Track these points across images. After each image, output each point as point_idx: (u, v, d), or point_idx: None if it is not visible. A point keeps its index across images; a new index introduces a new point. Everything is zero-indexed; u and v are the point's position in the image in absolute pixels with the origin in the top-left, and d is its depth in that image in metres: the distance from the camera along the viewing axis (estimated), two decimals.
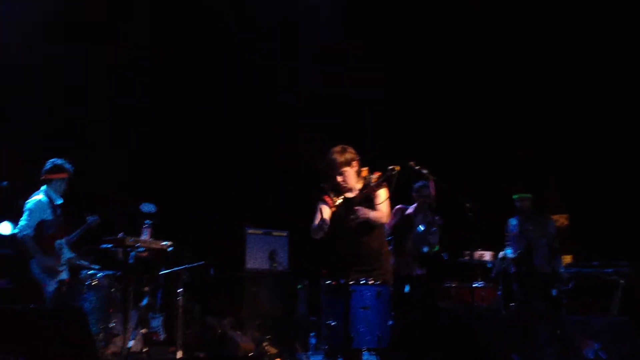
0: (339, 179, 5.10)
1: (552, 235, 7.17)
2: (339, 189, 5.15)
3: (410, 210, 7.03)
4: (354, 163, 5.12)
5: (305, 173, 9.10)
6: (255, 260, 8.17)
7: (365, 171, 5.20)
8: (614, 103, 8.27)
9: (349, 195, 5.16)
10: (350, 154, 5.13)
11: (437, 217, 6.83)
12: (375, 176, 5.08)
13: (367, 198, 5.06)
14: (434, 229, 6.85)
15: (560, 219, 8.40)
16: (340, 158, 5.09)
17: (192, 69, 8.98)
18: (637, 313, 6.46)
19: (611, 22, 8.28)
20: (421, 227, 6.71)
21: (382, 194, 5.10)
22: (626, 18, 8.22)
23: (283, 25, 9.29)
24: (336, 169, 5.09)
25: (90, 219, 6.42)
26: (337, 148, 5.16)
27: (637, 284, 7.09)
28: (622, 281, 7.08)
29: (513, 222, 7.37)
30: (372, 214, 5.01)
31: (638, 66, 8.15)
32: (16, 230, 6.15)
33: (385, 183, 5.05)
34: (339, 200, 5.10)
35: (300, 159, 9.04)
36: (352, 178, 5.13)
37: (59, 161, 6.39)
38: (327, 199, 5.17)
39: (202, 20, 8.94)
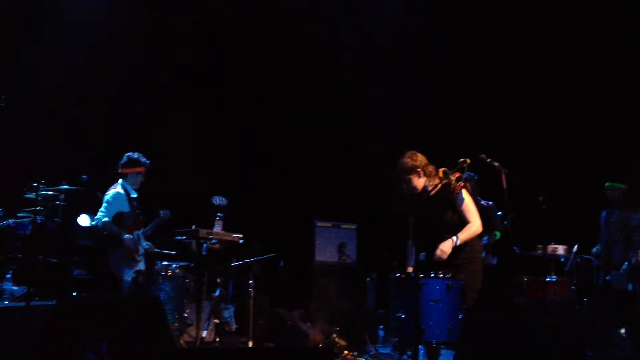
0: (403, 186, 5.17)
1: (633, 228, 6.90)
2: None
3: None
4: (419, 171, 5.16)
5: (373, 166, 9.13)
6: (324, 252, 8.24)
7: (441, 172, 5.19)
8: None
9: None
10: (413, 161, 5.18)
11: (491, 203, 6.72)
12: (454, 177, 5.11)
13: (444, 199, 5.08)
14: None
15: None
16: (403, 165, 5.19)
17: (258, 60, 9.11)
18: None
19: None
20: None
21: (467, 201, 5.09)
22: None
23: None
24: (399, 176, 5.19)
25: (163, 213, 6.61)
26: (404, 155, 5.24)
27: None
28: None
29: (603, 213, 7.19)
30: (463, 237, 5.02)
31: None
32: (94, 222, 6.36)
33: (468, 185, 5.12)
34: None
35: (368, 153, 9.07)
36: (417, 185, 5.17)
37: (135, 155, 6.56)
38: None
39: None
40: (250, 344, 6.58)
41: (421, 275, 5.30)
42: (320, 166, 9.09)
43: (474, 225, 5.16)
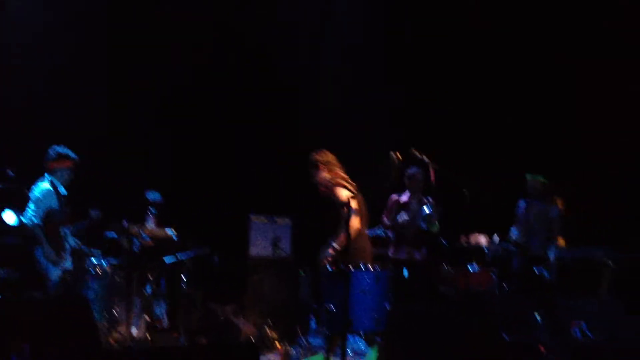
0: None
1: (552, 221, 7.16)
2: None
3: (404, 197, 7.13)
4: (321, 167, 5.74)
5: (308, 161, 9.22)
6: (259, 247, 8.26)
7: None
8: (611, 88, 8.26)
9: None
10: (319, 157, 5.81)
11: (430, 199, 6.91)
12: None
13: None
14: (436, 217, 6.89)
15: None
16: (310, 159, 5.84)
17: (195, 58, 9.07)
18: (625, 295, 6.53)
19: None
20: (426, 210, 6.79)
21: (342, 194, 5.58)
22: None
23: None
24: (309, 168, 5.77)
25: (93, 213, 6.48)
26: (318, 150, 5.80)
27: (626, 267, 7.14)
28: (611, 264, 7.12)
29: (522, 204, 7.40)
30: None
31: None
32: (26, 220, 6.19)
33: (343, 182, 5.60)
34: None
35: (303, 146, 9.14)
36: (318, 179, 5.78)
37: (63, 150, 6.39)
38: None
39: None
40: (183, 340, 6.60)
41: (350, 267, 5.44)
42: (254, 160, 9.12)
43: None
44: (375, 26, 9.44)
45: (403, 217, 6.96)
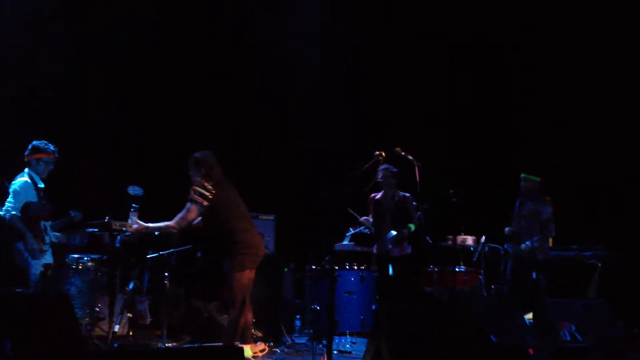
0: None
1: (542, 221, 7.13)
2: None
3: (378, 196, 7.12)
4: (195, 167, 5.88)
5: (292, 158, 9.19)
6: None
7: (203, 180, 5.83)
8: (596, 88, 8.33)
9: None
10: (199, 158, 5.90)
11: (408, 195, 6.90)
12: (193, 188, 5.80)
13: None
14: (402, 238, 6.88)
15: None
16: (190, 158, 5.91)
17: (177, 52, 8.99)
18: (613, 296, 6.57)
19: None
20: (392, 235, 6.79)
21: (188, 205, 5.75)
22: None
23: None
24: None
25: (73, 214, 6.40)
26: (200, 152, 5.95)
27: (614, 267, 7.19)
28: (599, 265, 7.16)
29: (517, 203, 7.37)
30: (154, 226, 5.83)
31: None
32: (2, 212, 6.13)
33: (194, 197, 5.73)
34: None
35: (288, 143, 9.12)
36: (192, 177, 5.90)
37: (41, 143, 6.33)
38: None
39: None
40: (165, 337, 6.52)
41: (336, 267, 5.39)
42: (238, 157, 9.05)
43: (169, 224, 5.79)
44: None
45: (369, 220, 7.02)
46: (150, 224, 5.80)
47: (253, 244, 5.78)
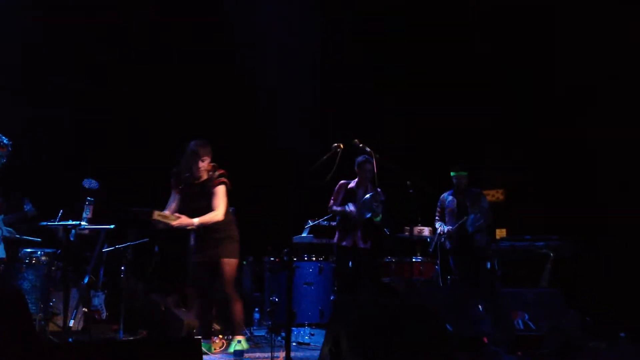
0: (194, 167, 5.76)
1: (486, 210, 7.34)
2: (189, 176, 5.80)
3: (352, 184, 7.13)
4: (204, 159, 5.79)
5: (249, 150, 9.16)
6: None
7: (211, 166, 5.86)
8: (549, 75, 8.49)
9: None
10: (203, 148, 5.81)
11: (379, 190, 6.94)
12: (218, 173, 5.80)
13: (204, 190, 5.73)
14: (378, 200, 6.92)
15: (496, 194, 8.65)
16: (201, 150, 5.78)
17: (146, 46, 8.88)
18: (565, 285, 6.73)
19: None
20: (367, 196, 6.80)
21: (221, 192, 5.72)
22: None
23: None
24: (189, 158, 5.77)
25: (27, 208, 6.28)
26: (201, 141, 5.83)
27: (566, 257, 7.37)
28: (552, 254, 7.33)
29: (448, 197, 7.52)
30: (204, 219, 5.62)
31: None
32: None
33: (225, 180, 5.75)
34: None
35: (248, 136, 9.09)
36: (199, 169, 5.79)
37: None
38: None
39: None
40: (122, 332, 6.45)
41: (294, 259, 5.40)
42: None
43: (217, 214, 5.68)
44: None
45: (350, 207, 6.95)
46: (195, 219, 5.62)
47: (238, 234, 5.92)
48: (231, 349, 5.70)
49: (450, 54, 9.06)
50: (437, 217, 7.52)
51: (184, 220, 5.60)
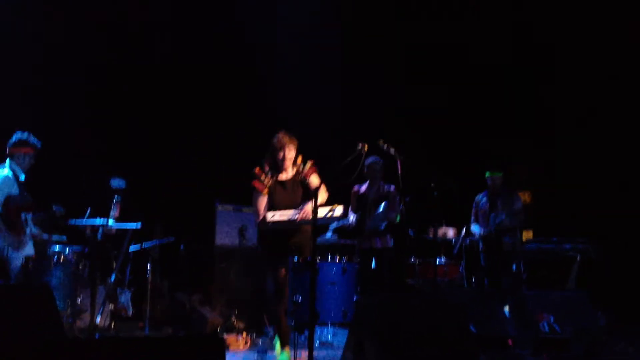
0: (281, 154, 5.53)
1: (518, 213, 7.27)
2: (276, 167, 5.59)
3: (363, 188, 7.13)
4: (293, 147, 5.58)
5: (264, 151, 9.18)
6: (225, 236, 8.22)
7: (300, 159, 5.66)
8: (580, 80, 8.40)
9: (282, 177, 5.63)
10: (294, 140, 5.61)
11: (391, 188, 6.91)
12: (309, 164, 5.62)
13: (299, 183, 5.57)
14: (395, 208, 6.90)
15: (523, 196, 8.57)
16: (285, 138, 5.57)
17: (164, 45, 8.95)
18: (592, 288, 6.66)
19: None
20: (381, 209, 6.79)
21: (316, 180, 5.55)
22: None
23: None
24: (282, 146, 5.54)
25: (55, 208, 6.33)
26: (284, 132, 5.64)
27: (593, 259, 7.28)
28: (579, 257, 7.25)
29: (483, 198, 7.45)
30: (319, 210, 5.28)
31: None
32: None
33: (315, 169, 5.55)
34: (269, 182, 5.59)
35: (270, 135, 9.09)
36: (290, 160, 5.58)
37: (23, 135, 6.25)
38: (257, 184, 5.64)
39: None
40: (148, 329, 6.53)
41: (318, 259, 5.41)
42: (221, 149, 9.04)
43: (325, 197, 5.50)
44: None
45: (350, 219, 7.01)
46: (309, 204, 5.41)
47: None
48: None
49: (473, 52, 8.99)
50: (472, 219, 7.47)
51: (307, 207, 5.42)
